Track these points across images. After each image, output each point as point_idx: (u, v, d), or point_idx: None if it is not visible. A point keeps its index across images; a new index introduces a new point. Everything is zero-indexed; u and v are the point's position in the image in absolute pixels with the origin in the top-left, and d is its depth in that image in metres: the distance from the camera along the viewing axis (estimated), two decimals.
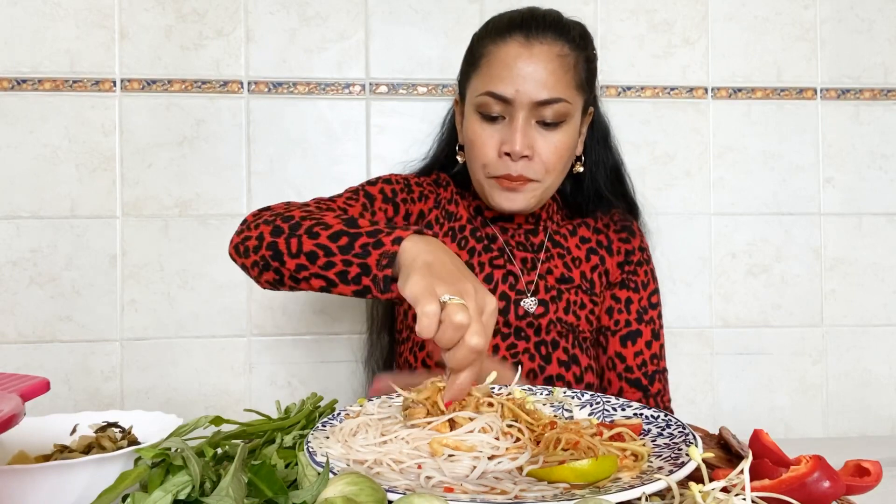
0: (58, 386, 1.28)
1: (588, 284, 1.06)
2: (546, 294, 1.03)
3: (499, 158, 0.96)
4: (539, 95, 0.92)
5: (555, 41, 0.94)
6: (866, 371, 1.42)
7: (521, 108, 0.93)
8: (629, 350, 1.04)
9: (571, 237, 1.08)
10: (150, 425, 0.65)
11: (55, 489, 0.52)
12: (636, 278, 1.08)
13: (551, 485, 0.51)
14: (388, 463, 0.54)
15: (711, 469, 0.55)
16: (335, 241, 0.74)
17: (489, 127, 0.96)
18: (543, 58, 0.93)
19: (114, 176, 1.30)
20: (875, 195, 1.42)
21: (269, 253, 0.78)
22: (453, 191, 1.10)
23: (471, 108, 0.98)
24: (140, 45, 1.30)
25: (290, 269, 0.77)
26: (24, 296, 1.29)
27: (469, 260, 1.03)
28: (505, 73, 0.93)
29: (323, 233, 0.75)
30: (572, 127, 0.97)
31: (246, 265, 0.83)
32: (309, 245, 0.75)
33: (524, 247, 1.06)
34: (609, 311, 1.07)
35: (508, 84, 0.93)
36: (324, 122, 1.34)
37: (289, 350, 1.34)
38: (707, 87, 1.40)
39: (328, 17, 1.34)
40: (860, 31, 1.41)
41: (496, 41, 0.96)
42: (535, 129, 0.95)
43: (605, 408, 0.72)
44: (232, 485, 0.46)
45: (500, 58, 0.95)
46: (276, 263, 0.78)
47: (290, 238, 0.77)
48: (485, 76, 0.96)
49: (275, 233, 0.78)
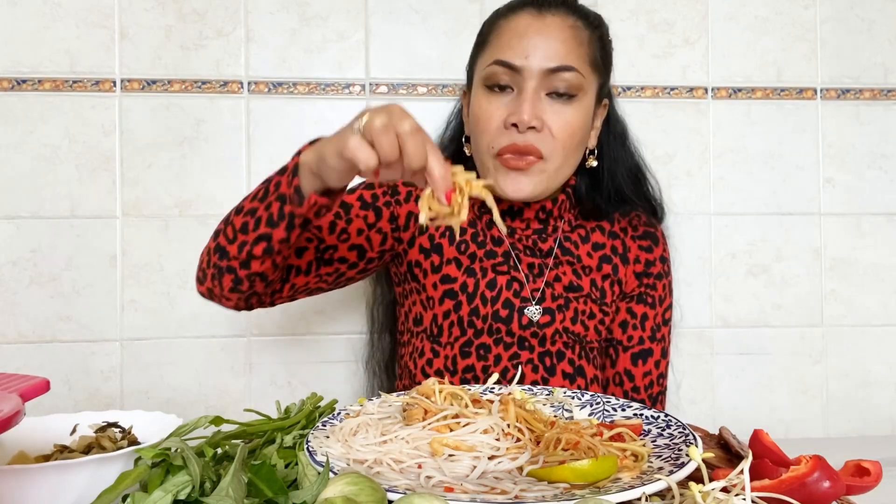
0: (58, 386, 1.28)
1: (598, 293, 1.00)
2: (553, 302, 0.98)
3: (505, 130, 0.90)
4: (550, 62, 0.89)
5: (567, 14, 0.92)
6: (866, 371, 1.42)
7: (530, 77, 0.89)
8: (639, 369, 1.01)
9: (583, 244, 1.02)
10: (150, 425, 0.66)
11: (55, 489, 0.52)
12: (654, 293, 1.03)
13: (551, 485, 0.51)
14: (389, 462, 0.54)
15: (711, 469, 0.55)
16: (255, 199, 0.77)
17: (496, 99, 0.92)
18: (556, 27, 0.90)
19: (114, 176, 1.30)
20: (875, 195, 1.42)
21: (216, 257, 0.81)
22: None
23: (478, 84, 0.94)
24: (140, 45, 1.30)
25: (235, 255, 0.79)
26: (24, 296, 1.29)
27: (471, 265, 0.99)
28: (515, 41, 0.90)
29: (245, 201, 0.79)
30: (585, 106, 0.93)
31: (210, 287, 0.85)
32: (239, 220, 0.78)
33: (531, 251, 1.00)
34: (623, 325, 1.02)
35: (518, 52, 0.89)
36: (324, 122, 1.34)
37: (289, 350, 1.34)
38: (707, 87, 1.40)
39: (328, 17, 1.34)
40: (860, 31, 1.41)
41: (507, 16, 0.94)
42: (545, 101, 0.91)
43: (605, 408, 0.72)
44: (232, 485, 0.46)
45: (511, 27, 0.92)
46: (224, 262, 0.80)
47: (226, 228, 0.80)
48: (493, 48, 0.92)
49: (215, 236, 0.82)
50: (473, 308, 0.97)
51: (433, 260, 1.00)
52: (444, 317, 0.99)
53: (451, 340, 0.98)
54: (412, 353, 1.03)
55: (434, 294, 1.00)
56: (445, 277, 0.99)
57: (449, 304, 0.98)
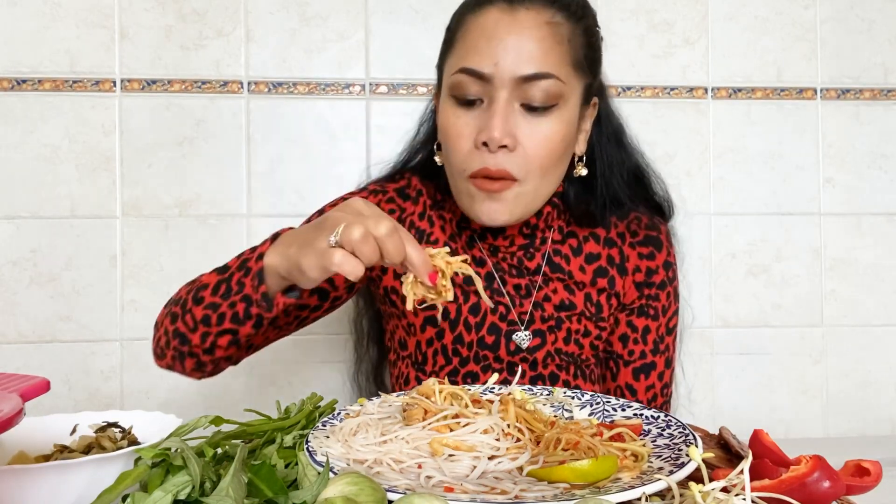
0: (58, 386, 1.28)
1: (594, 309, 0.91)
2: (543, 324, 0.90)
3: (476, 150, 0.80)
4: (523, 69, 0.77)
5: (544, 7, 0.79)
6: (866, 371, 1.42)
7: (501, 87, 0.77)
8: (641, 384, 0.93)
9: (575, 256, 0.91)
10: (150, 425, 0.65)
11: (55, 489, 0.52)
12: (657, 304, 0.94)
13: (551, 485, 0.51)
14: (389, 462, 0.54)
15: (711, 469, 0.55)
16: (216, 294, 0.74)
17: (465, 113, 0.81)
18: (530, 24, 0.77)
19: (114, 176, 1.30)
20: (875, 195, 1.42)
21: (176, 341, 0.78)
22: (426, 202, 0.94)
23: (445, 93, 0.83)
24: (140, 45, 1.30)
25: (197, 344, 0.77)
26: (24, 296, 1.29)
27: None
28: (483, 44, 0.78)
29: (205, 293, 0.75)
30: (567, 114, 0.81)
31: (169, 365, 0.82)
32: (200, 311, 0.75)
33: (518, 271, 0.91)
34: (623, 338, 0.94)
35: (486, 57, 0.77)
36: (324, 122, 1.34)
37: (289, 350, 1.34)
38: (707, 87, 1.40)
39: (328, 17, 1.34)
40: (860, 31, 1.41)
41: (474, 10, 0.81)
42: (519, 114, 0.79)
43: (605, 408, 0.72)
44: (232, 485, 0.46)
45: (478, 26, 0.79)
46: (185, 347, 0.78)
47: (185, 316, 0.77)
48: (460, 51, 0.81)
49: (172, 320, 0.79)
50: (457, 335, 0.90)
51: None
52: (427, 344, 0.92)
53: (437, 369, 0.92)
54: (398, 377, 0.97)
55: (415, 321, 0.92)
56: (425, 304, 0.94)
57: (431, 332, 0.91)
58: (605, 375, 0.97)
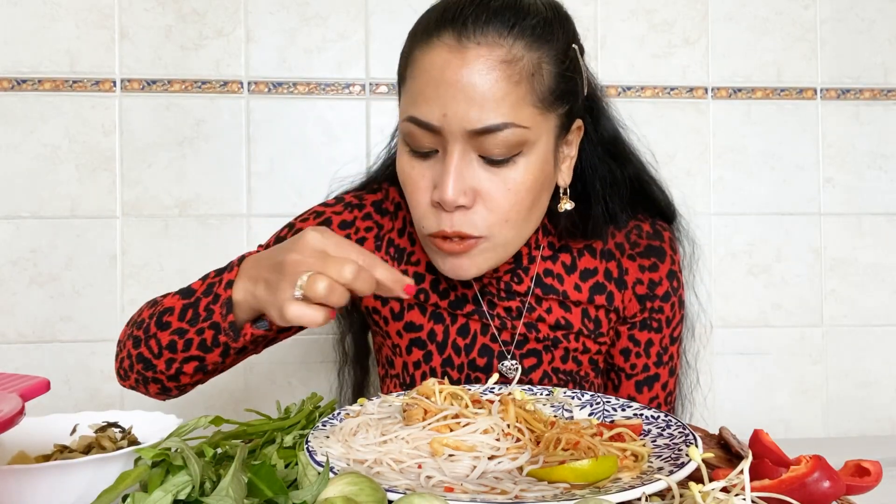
0: (58, 386, 1.28)
1: (591, 325, 0.84)
2: (538, 344, 0.84)
3: (432, 208, 0.71)
4: (475, 122, 0.66)
5: (499, 39, 0.67)
6: (866, 371, 1.42)
7: (453, 140, 0.68)
8: (644, 395, 0.88)
9: (569, 275, 0.84)
10: (150, 425, 0.65)
11: (55, 489, 0.52)
12: (660, 316, 0.87)
13: (551, 485, 0.51)
14: (389, 462, 0.54)
15: (711, 469, 0.55)
16: (183, 320, 0.71)
17: (419, 164, 0.72)
18: (480, 66, 0.66)
19: (114, 176, 1.30)
20: (875, 195, 1.42)
21: (140, 366, 0.76)
22: (406, 217, 0.86)
23: (400, 138, 0.75)
24: (140, 45, 1.30)
25: (162, 371, 0.74)
26: (24, 296, 1.29)
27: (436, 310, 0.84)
28: (430, 90, 0.68)
29: (170, 318, 0.72)
30: (537, 158, 0.70)
31: (133, 386, 0.80)
32: (165, 337, 0.72)
33: (507, 294, 0.83)
34: (625, 352, 0.87)
35: (434, 107, 0.67)
36: (324, 122, 1.34)
37: (289, 350, 1.34)
38: (707, 87, 1.40)
39: (328, 17, 1.34)
40: (860, 31, 1.41)
41: (422, 45, 0.71)
42: (477, 167, 0.69)
43: (606, 408, 0.72)
44: (232, 485, 0.46)
45: (426, 66, 0.69)
46: (150, 373, 0.75)
47: (148, 341, 0.74)
48: (410, 94, 0.71)
49: (135, 344, 0.75)
50: (446, 359, 0.84)
51: (392, 307, 0.85)
52: (414, 367, 0.86)
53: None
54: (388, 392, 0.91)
55: (400, 342, 0.86)
56: (409, 325, 0.85)
57: (418, 355, 0.85)
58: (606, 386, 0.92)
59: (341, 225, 0.85)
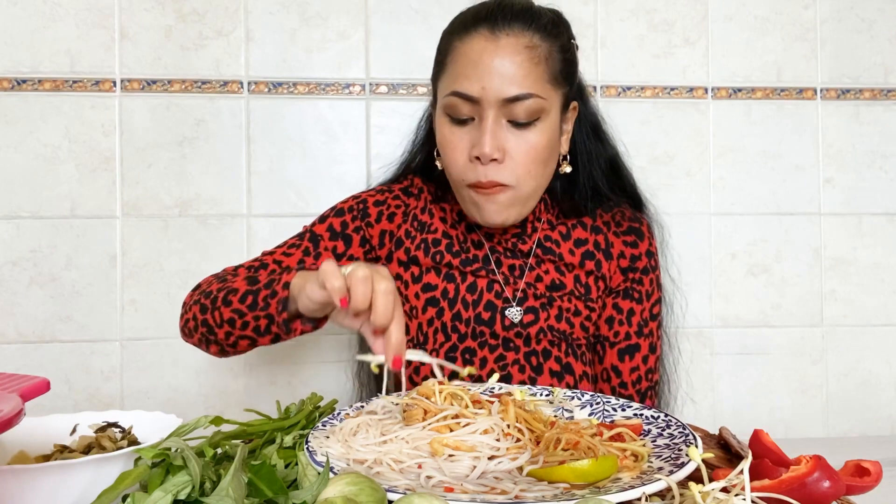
0: (58, 386, 1.28)
1: (583, 290, 1.00)
2: (535, 301, 0.98)
3: (470, 163, 0.90)
4: (507, 92, 0.86)
5: (522, 31, 0.88)
6: (866, 371, 1.42)
7: (489, 107, 0.87)
8: (626, 365, 1.01)
9: (565, 241, 1.01)
10: (150, 425, 0.66)
11: (55, 489, 0.52)
12: (641, 288, 1.02)
13: (551, 485, 0.51)
14: (389, 463, 0.54)
15: (711, 469, 0.55)
16: (243, 303, 0.83)
17: (459, 130, 0.91)
18: (510, 50, 0.87)
19: (114, 176, 1.30)
20: (875, 195, 1.42)
21: (203, 329, 0.88)
22: (427, 198, 1.05)
23: (440, 111, 0.93)
24: (140, 45, 1.30)
25: (222, 338, 0.87)
26: (24, 296, 1.29)
27: (450, 271, 1.00)
28: (470, 70, 0.88)
29: (234, 298, 0.84)
30: (549, 125, 0.91)
31: (195, 343, 0.92)
32: (227, 313, 0.85)
33: (511, 253, 1.01)
34: (609, 320, 1.02)
35: (474, 81, 0.87)
36: (324, 122, 1.34)
37: (289, 350, 1.34)
38: (707, 87, 1.40)
39: (328, 17, 1.34)
40: (860, 31, 1.41)
41: (461, 36, 0.91)
42: (506, 130, 0.89)
43: (606, 408, 0.72)
44: (232, 485, 0.46)
45: (465, 53, 0.89)
46: (212, 336, 0.88)
47: (213, 311, 0.86)
48: (451, 75, 0.90)
49: (202, 310, 0.88)
50: (455, 313, 0.99)
51: (413, 271, 1.02)
52: (428, 324, 1.00)
53: (437, 347, 0.99)
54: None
55: (417, 304, 1.01)
56: (427, 286, 1.01)
57: (432, 312, 1.00)
58: (593, 361, 1.03)
59: (376, 203, 1.03)
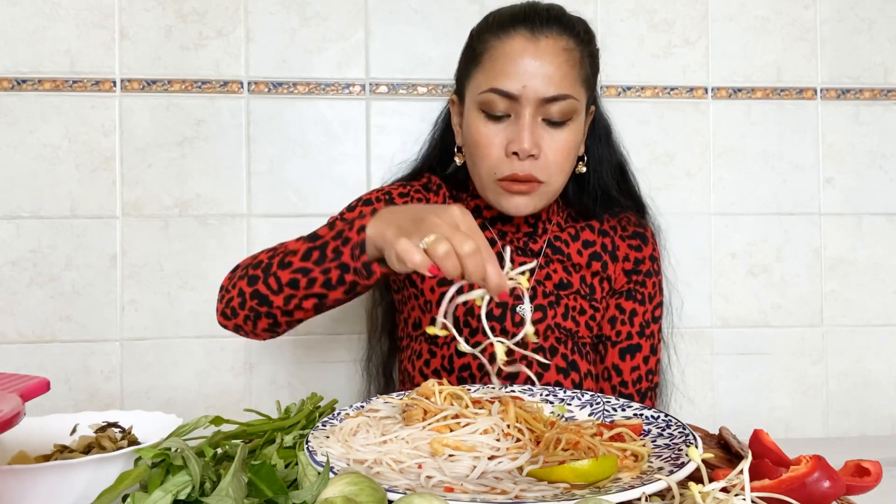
0: (58, 386, 1.28)
1: (588, 290, 1.03)
2: (544, 299, 1.01)
3: (506, 158, 0.92)
4: (547, 92, 0.89)
5: (560, 35, 0.91)
6: (866, 371, 1.42)
7: (527, 105, 0.90)
8: (626, 364, 1.03)
9: (573, 242, 1.05)
10: (150, 425, 0.66)
11: (55, 489, 0.52)
12: (643, 290, 1.05)
13: (551, 485, 0.51)
14: (389, 463, 0.54)
15: (711, 469, 0.55)
16: (308, 260, 0.78)
17: (494, 126, 0.93)
18: (550, 52, 0.90)
19: (114, 176, 1.30)
20: (875, 195, 1.42)
21: (254, 302, 0.82)
22: (445, 194, 1.08)
23: (473, 107, 0.95)
24: (140, 45, 1.30)
25: (279, 306, 0.81)
26: (24, 296, 1.29)
27: None
28: (511, 68, 0.90)
29: (293, 259, 0.79)
30: (578, 125, 0.94)
31: (238, 324, 0.86)
32: (287, 275, 0.79)
33: (522, 252, 1.04)
34: (612, 320, 1.05)
35: (515, 80, 0.89)
36: (324, 122, 1.34)
37: (289, 350, 1.34)
38: (707, 87, 1.40)
39: (328, 17, 1.34)
40: (860, 31, 1.41)
41: (499, 35, 0.92)
42: (541, 128, 0.91)
43: (606, 408, 0.72)
44: (232, 485, 0.46)
45: (505, 52, 0.91)
46: (264, 308, 0.82)
47: (268, 279, 0.81)
48: (489, 72, 0.92)
49: (252, 282, 0.82)
50: (468, 308, 1.00)
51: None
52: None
53: (448, 340, 1.01)
54: (410, 356, 1.05)
55: (431, 297, 1.03)
56: (442, 280, 1.02)
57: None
58: (596, 360, 1.06)
59: (400, 195, 1.05)
